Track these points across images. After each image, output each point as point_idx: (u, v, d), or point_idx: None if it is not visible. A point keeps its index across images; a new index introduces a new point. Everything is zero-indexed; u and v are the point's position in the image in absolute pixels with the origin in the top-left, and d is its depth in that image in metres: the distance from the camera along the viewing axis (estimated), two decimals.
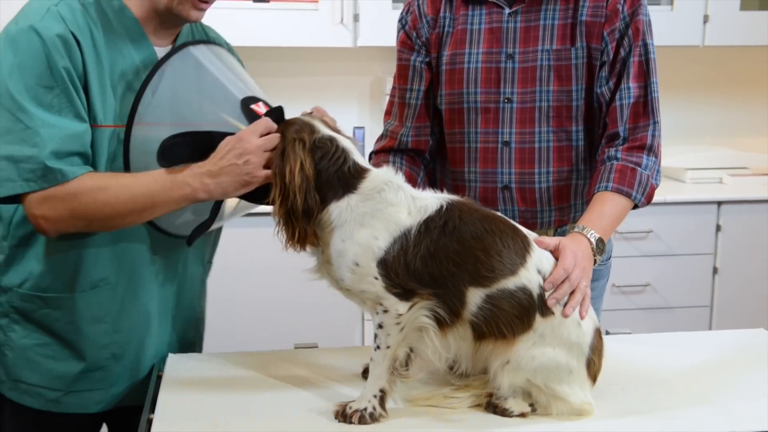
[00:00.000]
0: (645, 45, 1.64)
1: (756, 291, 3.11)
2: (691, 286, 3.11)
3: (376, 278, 1.30)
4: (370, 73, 3.36)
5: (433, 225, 1.30)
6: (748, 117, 3.55)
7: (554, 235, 1.75)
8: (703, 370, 1.55)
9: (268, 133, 1.35)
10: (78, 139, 1.37)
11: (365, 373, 1.50)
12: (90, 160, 1.40)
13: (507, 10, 1.68)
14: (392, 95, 1.81)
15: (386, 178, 1.35)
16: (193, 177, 1.36)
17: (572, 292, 1.34)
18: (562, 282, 1.33)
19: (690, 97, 3.47)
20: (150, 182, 1.37)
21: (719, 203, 3.06)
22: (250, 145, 1.33)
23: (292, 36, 2.96)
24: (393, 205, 1.31)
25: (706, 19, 3.10)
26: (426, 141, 1.77)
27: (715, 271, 3.10)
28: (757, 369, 1.55)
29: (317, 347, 1.69)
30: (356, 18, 2.94)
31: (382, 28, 2.93)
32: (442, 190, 1.39)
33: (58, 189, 1.34)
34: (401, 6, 3.03)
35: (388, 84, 3.17)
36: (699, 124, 3.44)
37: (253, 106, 1.42)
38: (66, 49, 1.35)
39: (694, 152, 3.34)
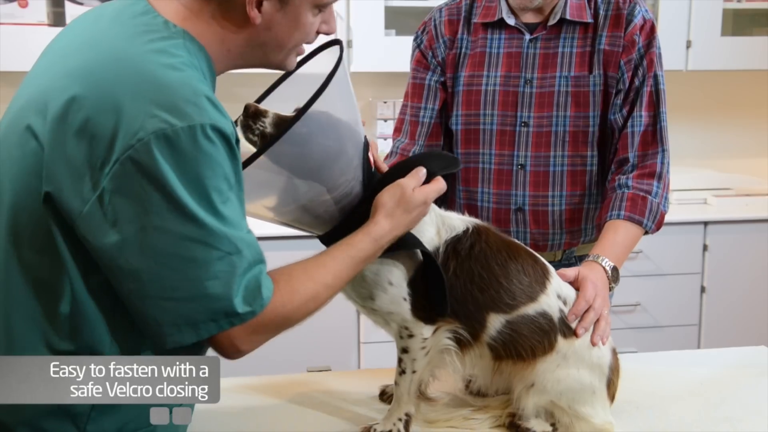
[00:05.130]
0: (656, 76, 1.70)
1: (743, 309, 3.17)
2: (680, 305, 3.16)
3: (405, 299, 1.31)
4: (361, 98, 3.39)
5: (460, 246, 1.32)
6: (730, 139, 3.63)
7: (562, 257, 1.79)
8: (712, 387, 1.58)
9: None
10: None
11: (383, 395, 1.52)
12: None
13: (527, 36, 1.72)
14: (402, 113, 1.82)
15: None
16: (391, 234, 1.24)
17: (596, 321, 1.37)
18: (586, 312, 1.36)
19: (674, 120, 3.53)
20: (350, 263, 1.20)
21: (705, 223, 3.12)
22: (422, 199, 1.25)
23: None
24: (425, 223, 1.32)
25: (688, 44, 3.18)
26: None
27: (702, 290, 3.16)
28: (764, 385, 1.59)
29: (330, 370, 1.70)
30: (349, 44, 2.98)
31: (374, 54, 2.97)
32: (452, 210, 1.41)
33: (263, 316, 1.10)
34: (393, 32, 3.09)
35: (379, 108, 3.21)
36: (683, 146, 3.50)
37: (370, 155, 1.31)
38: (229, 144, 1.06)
39: (678, 173, 3.39)
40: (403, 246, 1.28)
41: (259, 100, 1.32)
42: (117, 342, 1.11)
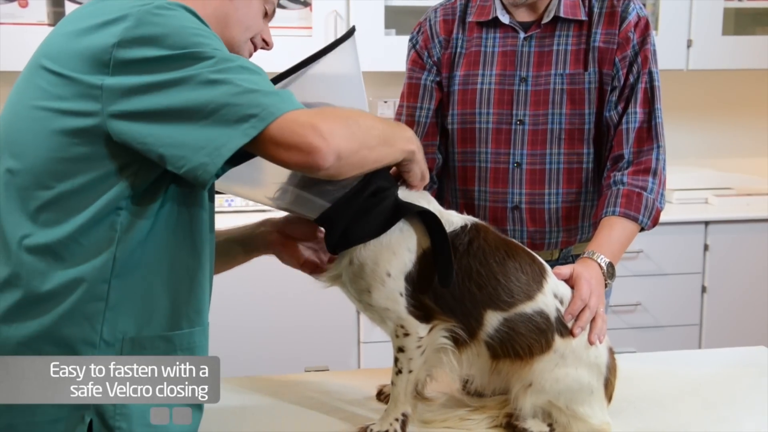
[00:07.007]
0: (650, 73, 1.70)
1: (744, 309, 3.17)
2: (681, 305, 3.15)
3: (401, 294, 1.30)
4: None
5: (458, 242, 1.32)
6: (730, 138, 3.63)
7: (559, 256, 1.79)
8: (710, 387, 1.58)
9: None
10: None
11: (380, 395, 1.51)
12: None
13: (522, 35, 1.72)
14: (399, 113, 1.83)
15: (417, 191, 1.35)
16: (417, 140, 1.31)
17: (593, 319, 1.36)
18: (582, 311, 1.36)
19: (675, 120, 3.54)
20: (386, 125, 1.27)
21: (706, 223, 3.12)
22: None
23: (285, 62, 2.97)
24: None
25: (689, 43, 3.18)
26: (433, 159, 1.79)
27: (703, 289, 3.15)
28: (762, 385, 1.59)
29: (328, 370, 1.70)
30: None
31: (375, 54, 2.96)
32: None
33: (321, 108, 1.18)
34: (393, 32, 3.09)
35: (380, 108, 3.21)
36: (683, 146, 3.51)
37: None
38: None
39: (679, 173, 3.41)
40: (410, 208, 1.29)
41: None
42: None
